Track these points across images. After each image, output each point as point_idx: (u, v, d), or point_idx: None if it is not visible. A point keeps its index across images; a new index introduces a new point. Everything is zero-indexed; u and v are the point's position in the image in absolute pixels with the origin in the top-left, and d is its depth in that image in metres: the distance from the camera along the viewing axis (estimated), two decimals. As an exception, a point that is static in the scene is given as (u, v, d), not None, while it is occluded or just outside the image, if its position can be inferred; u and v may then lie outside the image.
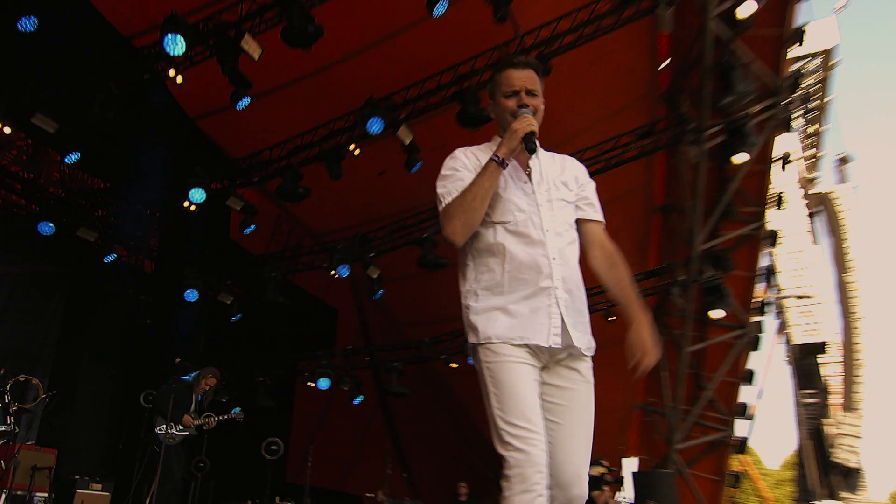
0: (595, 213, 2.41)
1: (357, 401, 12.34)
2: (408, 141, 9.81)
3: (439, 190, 2.19)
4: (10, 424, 6.60)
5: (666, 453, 13.81)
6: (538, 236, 2.09)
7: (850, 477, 20.84)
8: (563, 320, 2.01)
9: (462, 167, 2.19)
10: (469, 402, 14.18)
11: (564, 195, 2.28)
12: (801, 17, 10.10)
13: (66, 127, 8.29)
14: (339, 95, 9.88)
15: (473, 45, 9.42)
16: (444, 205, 2.12)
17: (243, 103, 8.53)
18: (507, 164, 2.08)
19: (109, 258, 8.93)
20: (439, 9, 8.14)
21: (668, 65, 10.85)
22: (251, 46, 8.29)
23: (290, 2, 8.09)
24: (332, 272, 10.99)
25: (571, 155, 9.18)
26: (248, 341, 11.06)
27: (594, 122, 10.88)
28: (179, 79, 8.51)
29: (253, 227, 10.08)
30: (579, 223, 2.33)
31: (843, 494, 20.68)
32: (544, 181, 2.25)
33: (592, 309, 12.01)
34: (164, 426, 7.07)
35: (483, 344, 1.98)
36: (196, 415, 7.52)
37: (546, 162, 2.33)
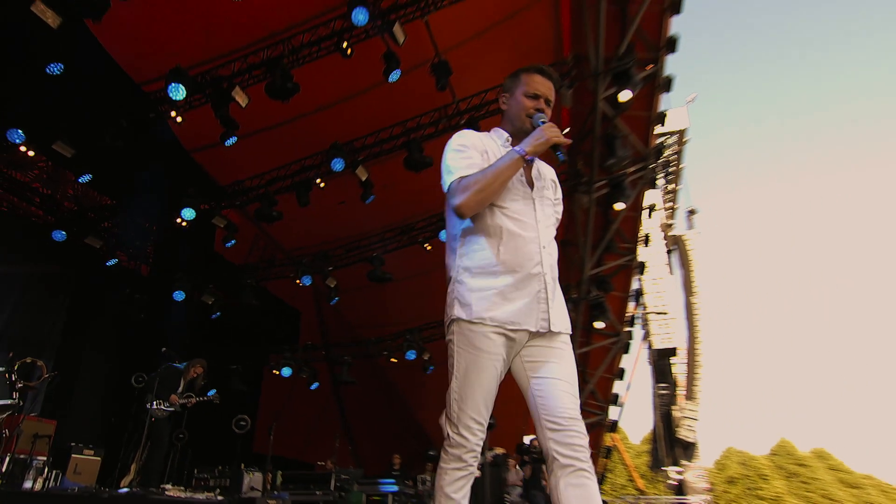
0: (559, 214, 2.25)
1: (314, 387, 12.54)
2: (364, 178, 10.10)
3: (450, 162, 2.00)
4: (15, 399, 6.55)
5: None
6: (532, 226, 1.95)
7: (688, 449, 21.76)
8: (548, 305, 1.88)
9: (471, 146, 2.03)
10: (405, 390, 14.42)
11: (549, 195, 2.15)
12: (663, 104, 10.51)
13: (81, 152, 8.29)
14: (310, 139, 10.09)
15: (419, 106, 9.81)
16: (455, 176, 1.92)
17: (231, 141, 8.71)
18: (532, 162, 2.00)
19: (111, 262, 8.85)
20: (393, 76, 8.55)
21: (567, 132, 11.11)
22: (240, 96, 8.51)
23: (275, 63, 8.42)
24: (298, 281, 11.14)
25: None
26: (226, 336, 11.07)
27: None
28: (179, 119, 8.68)
29: (233, 241, 10.20)
30: None
31: (683, 462, 21.59)
32: (540, 179, 2.13)
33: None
34: (154, 402, 7.10)
35: (469, 322, 1.80)
36: (181, 395, 7.53)
37: (540, 163, 2.19)
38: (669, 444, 21.63)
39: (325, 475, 9.83)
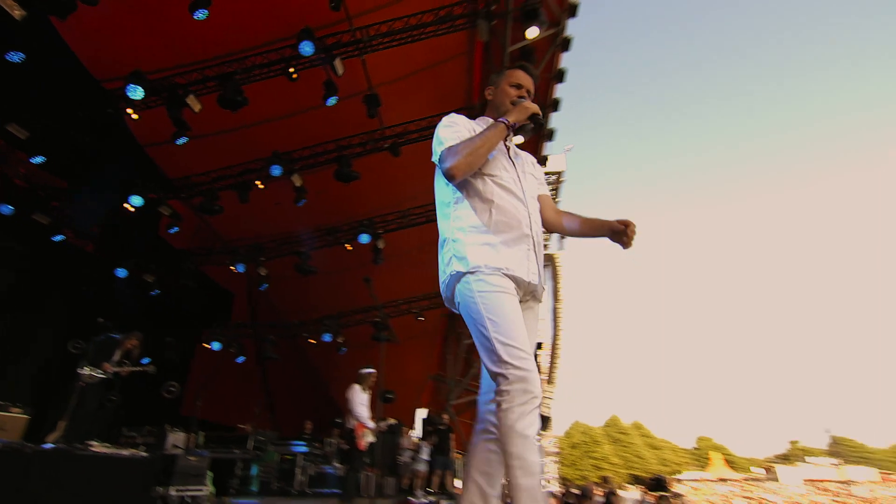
0: (546, 188, 2.17)
1: (240, 360, 12.03)
2: (298, 184, 9.96)
3: (442, 134, 1.86)
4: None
5: (445, 406, 14.54)
6: (520, 195, 1.84)
7: (545, 421, 22.86)
8: (537, 264, 1.78)
9: (460, 123, 1.93)
10: (320, 367, 14.21)
11: (531, 172, 2.09)
12: (546, 150, 11.14)
13: (36, 136, 7.53)
14: (254, 146, 9.83)
15: (351, 129, 9.84)
16: (446, 146, 1.79)
17: (181, 140, 8.37)
18: (512, 131, 1.87)
19: (58, 238, 8.08)
20: (331, 101, 8.56)
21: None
22: (193, 103, 8.21)
23: (227, 78, 8.17)
24: (232, 267, 10.73)
25: (409, 210, 9.90)
26: (164, 312, 10.39)
27: (427, 191, 11.38)
28: (135, 116, 8.17)
29: (177, 229, 9.72)
30: (539, 197, 2.06)
31: (541, 432, 22.58)
32: (518, 158, 2.07)
33: (406, 312, 12.52)
34: (87, 368, 6.59)
35: (473, 272, 1.63)
36: (116, 363, 7.03)
37: (518, 150, 2.16)
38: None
39: (244, 437, 9.56)
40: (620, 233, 1.77)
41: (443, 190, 1.93)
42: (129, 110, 8.07)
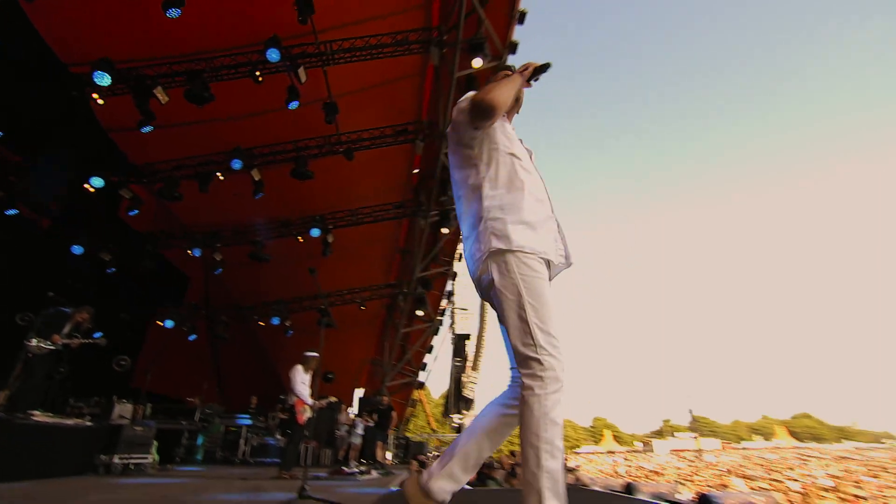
0: None
1: (192, 338, 11.38)
2: (257, 178, 9.66)
3: (466, 97, 1.73)
4: None
5: (380, 387, 14.46)
6: (539, 179, 1.72)
7: (468, 403, 23.12)
8: (564, 243, 1.66)
9: None
10: (269, 347, 13.68)
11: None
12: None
13: (-4, 111, 6.82)
14: (217, 140, 9.43)
15: (309, 132, 9.65)
16: (473, 96, 1.65)
17: (147, 129, 7.86)
18: (525, 80, 1.75)
19: (11, 212, 7.34)
20: (292, 105, 8.36)
21: (417, 172, 11.58)
22: (161, 95, 7.80)
23: (195, 75, 7.81)
24: (189, 251, 10.15)
25: (358, 209, 9.85)
26: (120, 290, 9.64)
27: (376, 193, 11.42)
28: (100, 101, 7.57)
29: (136, 211, 9.06)
30: None
31: (464, 411, 22.85)
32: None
33: (350, 302, 12.34)
34: (35, 339, 6.04)
35: (514, 252, 1.48)
36: (66, 336, 6.47)
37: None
38: (456, 400, 22.83)
39: (191, 409, 9.12)
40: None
41: (468, 171, 1.71)
42: (94, 95, 7.50)
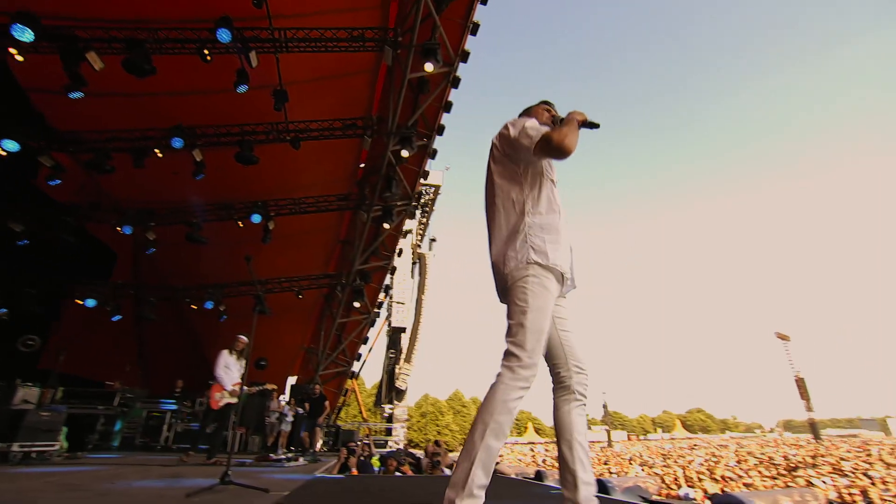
0: None
1: (116, 318, 10.32)
2: (199, 159, 9.06)
3: (529, 125, 1.75)
4: None
5: (313, 375, 14.09)
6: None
7: (399, 394, 23.19)
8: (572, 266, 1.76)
9: (535, 122, 1.81)
10: (200, 331, 12.79)
11: None
12: (428, 166, 11.47)
13: None
14: (157, 115, 8.79)
15: (257, 117, 9.17)
16: (547, 131, 1.69)
17: (76, 95, 7.07)
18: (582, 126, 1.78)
19: None
20: (241, 89, 7.94)
21: (363, 167, 11.42)
22: (94, 60, 7.09)
23: (137, 45, 7.14)
24: (119, 228, 9.28)
25: (301, 199, 9.54)
26: (35, 263, 8.61)
27: (320, 183, 11.09)
28: (20, 58, 6.72)
29: (59, 181, 8.11)
30: None
31: (395, 402, 22.86)
32: None
33: (288, 290, 11.90)
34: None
35: (546, 266, 1.60)
36: None
37: None
38: (388, 390, 22.79)
39: (110, 393, 8.39)
40: None
41: (513, 186, 1.79)
42: (12, 50, 6.64)
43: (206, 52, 7.70)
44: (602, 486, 2.62)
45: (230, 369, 5.98)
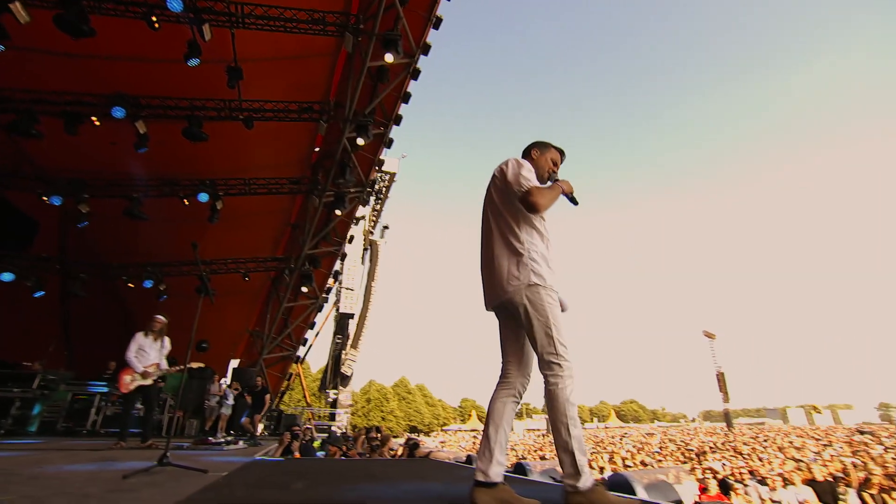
0: None
1: (38, 294, 9.54)
2: (142, 131, 8.61)
3: (524, 174, 1.96)
4: None
5: (257, 359, 13.81)
6: None
7: (345, 379, 23.12)
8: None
9: (532, 169, 2.02)
10: (136, 309, 12.01)
11: None
12: (384, 154, 11.42)
13: None
14: (93, 80, 8.22)
15: (208, 92, 8.86)
16: (531, 186, 1.91)
17: (-3, 48, 6.47)
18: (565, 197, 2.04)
19: None
20: (192, 62, 7.59)
21: (318, 151, 11.21)
22: (19, 12, 6.56)
23: (71, 2, 6.60)
24: (45, 198, 8.60)
25: (252, 179, 9.32)
26: None
27: (273, 165, 10.80)
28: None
29: (-26, 144, 7.40)
30: None
31: (340, 387, 22.80)
32: None
33: (234, 271, 11.55)
34: None
35: (546, 287, 1.82)
36: None
37: None
38: (334, 375, 22.65)
39: (30, 375, 7.85)
40: None
41: (513, 217, 1.99)
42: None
43: (153, 19, 7.30)
44: (520, 468, 2.89)
45: (145, 351, 5.74)
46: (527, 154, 2.23)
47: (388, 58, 8.50)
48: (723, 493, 6.99)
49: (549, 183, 2.09)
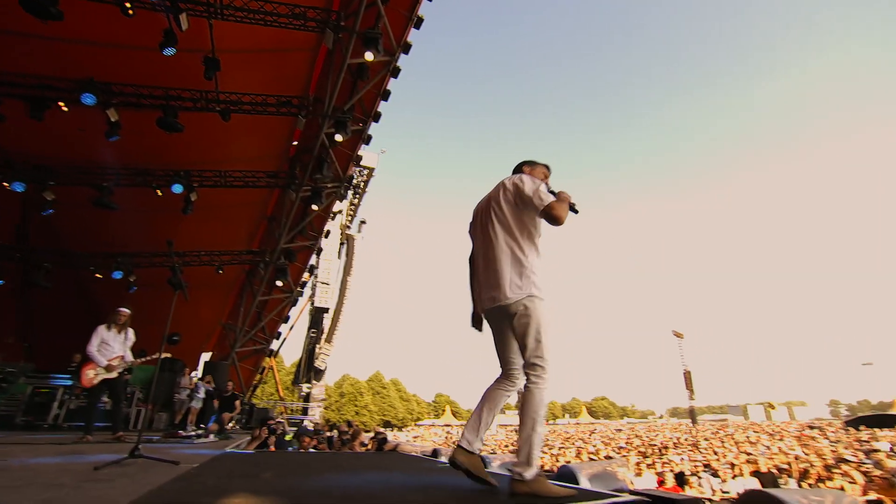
0: None
1: None
2: (114, 119, 8.40)
3: (542, 189, 2.10)
4: None
5: (229, 353, 13.68)
6: None
7: (318, 373, 23.02)
8: None
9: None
10: (104, 300, 11.63)
11: None
12: (361, 150, 11.42)
13: None
14: (63, 63, 7.95)
15: (185, 83, 8.71)
16: (552, 201, 2.04)
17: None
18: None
19: None
20: (168, 52, 7.48)
21: (296, 145, 11.14)
22: None
23: (39, -19, 6.40)
24: (6, 184, 8.31)
25: (228, 172, 9.22)
26: None
27: (250, 158, 10.69)
28: None
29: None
30: None
31: (313, 381, 22.71)
32: None
33: (208, 263, 11.40)
34: None
35: (543, 300, 2.00)
36: None
37: None
38: (307, 369, 22.53)
39: (-12, 366, 7.60)
40: None
41: (520, 231, 2.14)
42: None
43: (127, 5, 7.14)
44: (481, 461, 3.06)
45: (109, 345, 5.68)
46: (519, 171, 2.38)
47: (368, 56, 8.54)
48: (679, 485, 7.40)
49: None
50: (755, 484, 7.19)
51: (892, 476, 6.39)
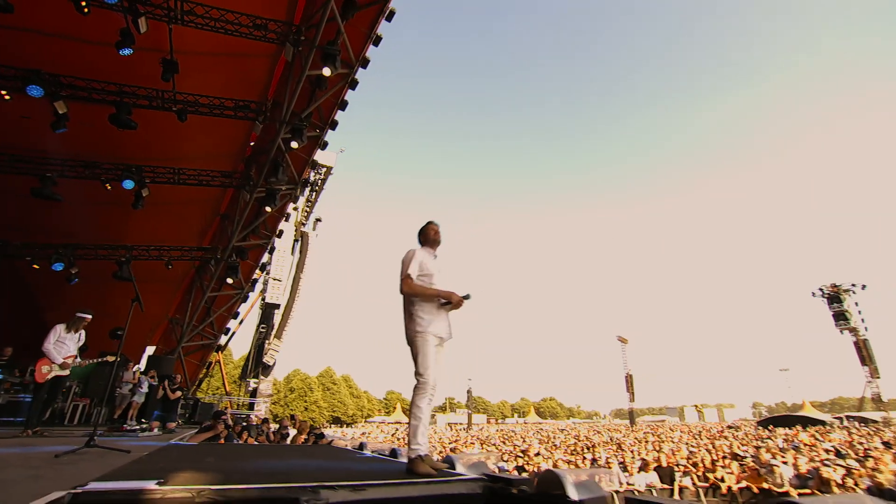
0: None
1: None
2: (62, 111, 8.40)
3: (407, 262, 2.78)
4: None
5: (175, 347, 13.63)
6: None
7: (266, 369, 22.90)
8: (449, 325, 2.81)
9: (419, 259, 2.82)
10: (40, 291, 11.33)
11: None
12: (317, 155, 11.71)
13: None
14: (12, 52, 7.83)
15: (140, 81, 8.76)
16: (408, 276, 2.72)
17: None
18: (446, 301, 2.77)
19: None
20: (125, 52, 7.61)
21: (252, 146, 11.30)
22: None
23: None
24: None
25: (182, 169, 9.46)
26: None
27: (205, 156, 10.75)
28: None
29: None
30: None
31: (261, 377, 22.61)
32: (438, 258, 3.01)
33: (157, 258, 11.44)
34: None
35: (426, 333, 2.66)
36: None
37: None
38: (255, 365, 22.40)
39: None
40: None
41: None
42: None
43: (83, 3, 7.22)
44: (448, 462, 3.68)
45: (65, 344, 5.90)
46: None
47: (326, 72, 8.95)
48: (592, 478, 8.36)
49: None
50: (655, 478, 8.26)
51: (762, 467, 7.60)
